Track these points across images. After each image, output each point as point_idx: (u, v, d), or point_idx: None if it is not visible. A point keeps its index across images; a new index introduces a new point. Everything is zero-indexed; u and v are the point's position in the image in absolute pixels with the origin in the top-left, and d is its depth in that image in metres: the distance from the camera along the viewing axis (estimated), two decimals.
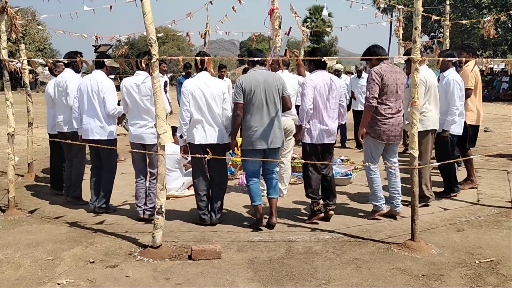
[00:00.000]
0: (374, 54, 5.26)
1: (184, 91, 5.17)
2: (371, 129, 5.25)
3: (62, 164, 6.61)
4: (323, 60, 5.17)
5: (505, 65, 7.11)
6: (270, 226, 5.13)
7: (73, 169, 6.23)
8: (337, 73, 10.07)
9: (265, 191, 5.38)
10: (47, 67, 7.14)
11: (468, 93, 6.44)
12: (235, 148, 5.40)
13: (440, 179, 6.51)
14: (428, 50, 27.19)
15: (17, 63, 5.99)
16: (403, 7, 10.16)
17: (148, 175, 5.63)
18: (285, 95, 5.18)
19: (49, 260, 4.30)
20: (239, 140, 5.40)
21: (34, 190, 7.05)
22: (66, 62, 6.33)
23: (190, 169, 6.79)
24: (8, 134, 5.80)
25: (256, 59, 5.24)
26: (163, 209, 4.37)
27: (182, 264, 4.17)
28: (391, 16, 32.02)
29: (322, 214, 5.29)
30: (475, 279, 3.83)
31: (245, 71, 11.35)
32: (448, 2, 9.37)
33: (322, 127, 5.20)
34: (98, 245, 4.66)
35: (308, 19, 44.64)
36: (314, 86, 5.13)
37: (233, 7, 8.91)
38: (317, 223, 5.25)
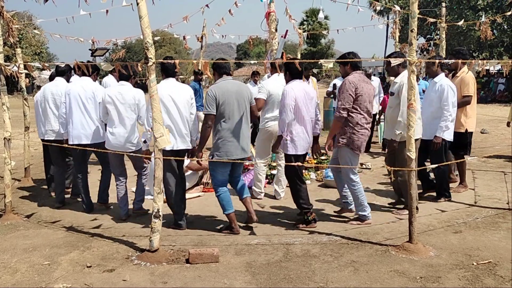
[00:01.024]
0: (347, 63, 5.23)
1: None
2: (349, 140, 5.14)
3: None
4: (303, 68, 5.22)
5: (501, 66, 7.11)
6: (252, 224, 5.18)
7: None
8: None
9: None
10: (43, 71, 7.18)
11: (468, 99, 6.36)
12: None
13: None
14: (425, 52, 27.27)
15: (13, 67, 5.98)
16: (399, 9, 10.16)
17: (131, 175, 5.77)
18: (252, 104, 5.21)
19: (46, 265, 4.29)
20: None
21: (31, 195, 7.02)
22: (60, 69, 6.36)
23: (187, 173, 6.82)
24: (4, 138, 5.78)
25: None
26: (161, 213, 4.36)
27: (180, 268, 4.16)
28: (388, 19, 32.18)
29: (316, 225, 5.24)
30: (473, 281, 3.83)
31: (253, 74, 11.36)
32: (444, 4, 9.40)
33: (305, 137, 5.19)
34: (95, 250, 4.65)
35: (305, 22, 44.80)
36: (296, 96, 5.08)
37: (229, 10, 8.92)
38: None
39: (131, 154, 5.40)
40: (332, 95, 10.56)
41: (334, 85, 10.25)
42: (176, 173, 5.23)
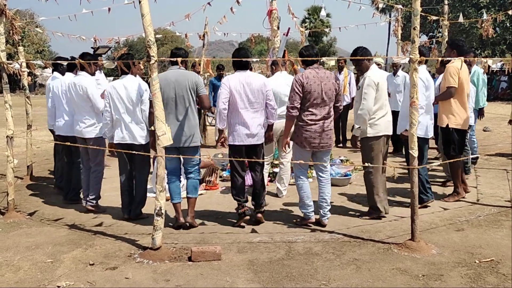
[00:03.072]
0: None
1: (105, 94, 5.48)
2: (294, 135, 5.15)
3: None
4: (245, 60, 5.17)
5: (504, 64, 7.09)
6: (185, 226, 5.18)
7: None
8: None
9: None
10: (45, 69, 7.24)
11: (450, 91, 5.84)
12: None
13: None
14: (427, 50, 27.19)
15: (15, 66, 5.98)
16: (401, 7, 10.14)
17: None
18: (200, 94, 5.19)
19: (48, 263, 4.30)
20: None
21: (34, 193, 7.04)
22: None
23: None
24: (7, 136, 5.79)
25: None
26: (163, 211, 4.37)
27: (182, 266, 4.17)
28: (390, 16, 32.06)
29: (248, 217, 5.24)
30: (475, 279, 3.82)
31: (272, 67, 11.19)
32: (446, 2, 9.37)
33: (243, 128, 5.15)
34: (98, 247, 4.66)
35: (307, 20, 44.66)
36: (230, 87, 5.08)
37: (231, 8, 8.91)
38: (243, 227, 5.21)
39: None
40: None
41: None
42: (127, 165, 5.55)
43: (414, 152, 4.47)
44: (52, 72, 6.84)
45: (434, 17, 9.59)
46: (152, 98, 4.76)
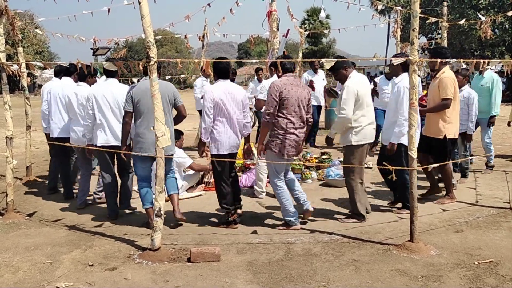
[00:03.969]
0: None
1: (88, 97, 5.56)
2: (272, 143, 5.08)
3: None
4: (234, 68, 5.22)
5: (503, 66, 7.09)
6: (178, 223, 5.31)
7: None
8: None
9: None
10: (45, 70, 7.27)
11: (447, 103, 5.82)
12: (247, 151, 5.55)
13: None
14: (426, 52, 27.26)
15: (14, 66, 5.98)
16: (400, 8, 10.16)
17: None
18: (178, 104, 5.23)
19: (48, 264, 4.30)
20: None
21: (33, 193, 7.03)
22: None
23: (189, 172, 6.84)
24: (6, 137, 5.79)
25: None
26: (162, 212, 4.37)
27: (181, 267, 4.17)
28: (389, 18, 32.14)
29: (237, 226, 5.27)
30: (474, 280, 3.83)
31: (257, 70, 11.14)
32: (445, 3, 9.39)
33: (226, 138, 5.17)
34: (97, 248, 4.66)
35: (306, 21, 44.71)
36: (215, 97, 5.08)
37: (230, 10, 8.92)
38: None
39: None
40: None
41: (375, 82, 9.95)
42: (111, 167, 5.74)
43: (413, 153, 4.48)
44: (56, 76, 6.86)
45: (433, 19, 9.59)
46: (126, 108, 5.07)
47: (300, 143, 5.21)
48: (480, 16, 9.50)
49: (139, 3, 4.18)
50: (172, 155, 5.25)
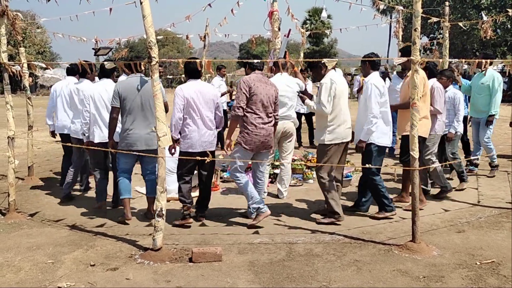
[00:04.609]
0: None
1: (85, 95, 5.77)
2: (242, 138, 5.23)
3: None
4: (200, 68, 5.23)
5: (504, 66, 7.05)
6: (147, 218, 5.55)
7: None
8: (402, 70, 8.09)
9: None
10: (46, 70, 7.38)
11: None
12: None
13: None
14: (428, 52, 27.24)
15: (15, 66, 5.99)
16: (402, 8, 10.14)
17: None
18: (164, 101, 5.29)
19: (49, 264, 4.30)
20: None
21: (35, 193, 7.04)
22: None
23: None
24: (8, 137, 5.80)
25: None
26: (164, 212, 4.37)
27: (183, 267, 4.17)
28: (391, 18, 32.12)
29: (191, 220, 5.34)
30: (476, 280, 3.82)
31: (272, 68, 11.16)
32: (447, 4, 9.37)
33: (196, 136, 5.26)
34: (99, 248, 4.66)
35: (308, 21, 44.72)
36: (185, 96, 5.21)
37: (231, 10, 8.93)
38: (188, 227, 5.27)
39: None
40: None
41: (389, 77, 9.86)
42: (103, 162, 5.97)
43: (415, 154, 4.48)
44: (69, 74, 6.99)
45: (435, 19, 9.58)
46: (113, 104, 5.29)
47: (270, 139, 5.35)
48: (483, 15, 9.48)
49: (141, 3, 4.18)
50: (153, 150, 5.26)
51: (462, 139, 8.06)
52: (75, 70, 6.73)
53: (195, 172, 5.60)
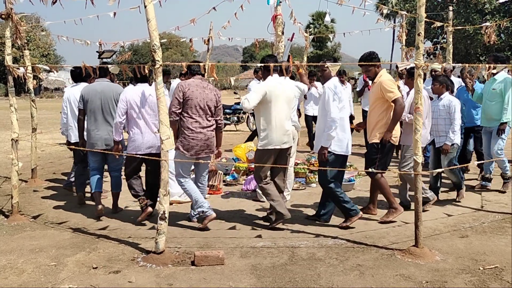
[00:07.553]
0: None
1: (63, 97, 6.29)
2: (180, 143, 5.28)
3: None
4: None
5: (508, 71, 7.00)
6: (101, 215, 5.79)
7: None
8: (434, 73, 7.88)
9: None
10: (50, 73, 7.39)
11: (400, 103, 5.31)
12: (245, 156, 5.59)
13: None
14: (431, 56, 27.22)
15: (20, 69, 6.02)
16: (406, 13, 10.17)
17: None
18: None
19: (52, 266, 4.31)
20: (242, 147, 5.46)
21: (38, 196, 7.06)
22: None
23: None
24: (12, 139, 5.82)
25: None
26: (166, 215, 4.37)
27: (185, 270, 4.17)
28: (394, 22, 32.13)
29: (150, 208, 5.48)
30: (479, 286, 3.81)
31: (256, 71, 11.25)
32: (451, 8, 9.39)
33: (140, 138, 5.44)
34: (101, 251, 4.67)
35: (311, 25, 44.82)
36: (127, 99, 5.40)
37: (235, 14, 8.96)
38: (151, 216, 5.47)
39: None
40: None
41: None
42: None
43: (418, 158, 4.47)
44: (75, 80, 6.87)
45: (439, 23, 9.60)
46: (79, 106, 5.81)
47: (210, 143, 5.39)
48: (488, 18, 9.46)
49: (145, 6, 4.20)
50: (110, 150, 5.68)
51: (476, 150, 7.74)
52: (87, 75, 6.41)
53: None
